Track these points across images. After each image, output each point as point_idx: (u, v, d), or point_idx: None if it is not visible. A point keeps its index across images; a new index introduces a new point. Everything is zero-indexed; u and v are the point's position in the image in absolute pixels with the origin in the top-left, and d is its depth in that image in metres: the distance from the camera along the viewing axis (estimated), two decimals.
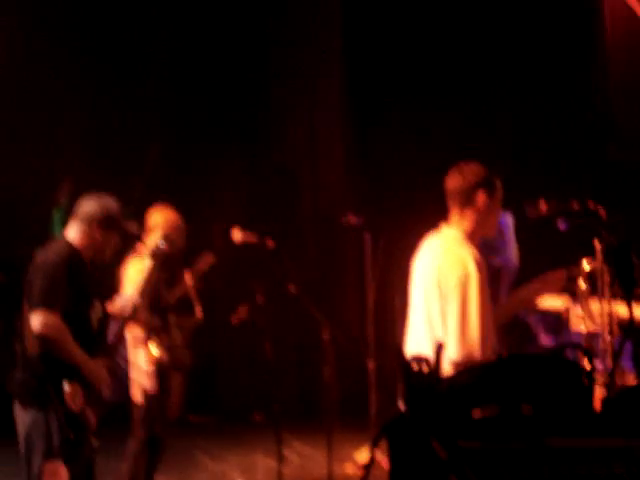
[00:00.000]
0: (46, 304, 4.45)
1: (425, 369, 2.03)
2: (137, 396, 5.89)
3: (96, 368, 4.67)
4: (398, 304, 7.77)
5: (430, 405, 1.95)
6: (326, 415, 6.04)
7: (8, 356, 8.93)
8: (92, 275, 4.77)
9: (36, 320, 4.44)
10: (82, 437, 4.54)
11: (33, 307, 4.46)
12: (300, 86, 10.15)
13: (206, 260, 8.29)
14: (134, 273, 5.87)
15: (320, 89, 10.08)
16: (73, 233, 4.74)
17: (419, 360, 2.04)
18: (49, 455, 4.46)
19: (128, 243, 5.87)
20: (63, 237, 4.79)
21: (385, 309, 7.18)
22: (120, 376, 5.66)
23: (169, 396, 6.25)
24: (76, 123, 9.72)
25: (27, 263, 9.31)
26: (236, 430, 9.02)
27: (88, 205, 4.77)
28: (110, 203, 4.83)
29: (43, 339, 4.45)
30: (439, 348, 2.05)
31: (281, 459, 6.51)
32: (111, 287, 5.87)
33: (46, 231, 9.43)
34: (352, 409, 7.74)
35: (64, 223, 9.02)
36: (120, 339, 5.84)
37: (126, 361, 5.91)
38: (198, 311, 6.80)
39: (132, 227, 5.28)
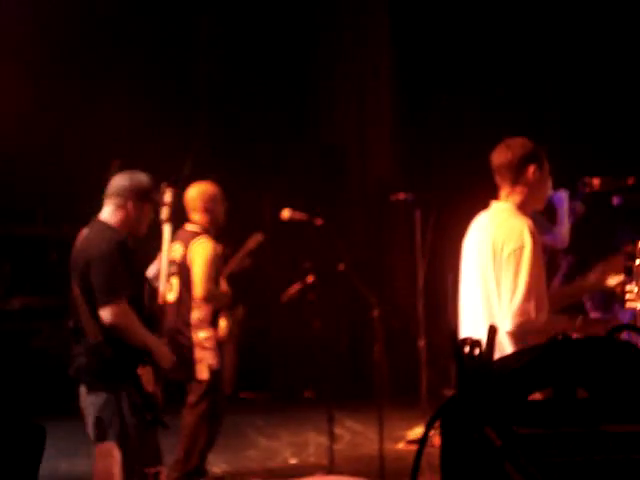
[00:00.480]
0: (113, 296, 4.50)
1: (477, 352, 2.00)
2: (202, 373, 5.95)
3: (163, 348, 4.76)
4: (449, 282, 7.74)
5: (483, 389, 1.91)
6: (377, 393, 6.03)
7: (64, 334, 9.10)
8: (135, 252, 4.78)
9: (106, 314, 4.49)
10: (156, 417, 4.62)
11: (101, 302, 4.50)
12: (349, 66, 10.10)
13: (255, 239, 8.33)
14: (202, 255, 5.97)
15: (369, 68, 10.02)
16: (107, 212, 4.72)
17: (471, 342, 2.00)
18: (122, 437, 4.52)
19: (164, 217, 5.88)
20: (100, 219, 4.74)
21: (435, 287, 7.13)
22: (181, 354, 5.69)
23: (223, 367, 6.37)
24: (126, 103, 9.77)
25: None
26: (287, 407, 9.06)
27: (118, 181, 4.78)
28: (140, 176, 4.82)
29: (116, 329, 4.51)
30: (492, 330, 2.01)
31: (332, 437, 6.53)
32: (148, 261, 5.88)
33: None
34: (403, 387, 7.72)
35: None
36: (184, 319, 5.94)
37: (189, 340, 5.95)
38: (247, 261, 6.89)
39: (167, 197, 5.19)
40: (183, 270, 6.00)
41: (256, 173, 9.82)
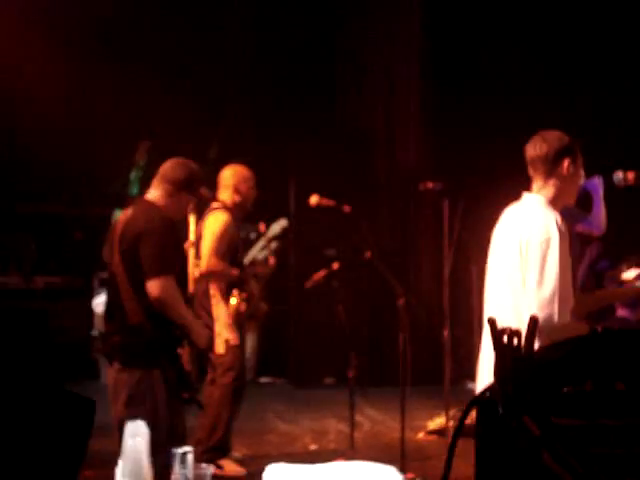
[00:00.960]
0: (162, 270, 4.60)
1: (516, 342, 1.98)
2: (220, 347, 5.99)
3: (201, 327, 4.90)
4: (474, 273, 7.71)
5: (522, 379, 1.90)
6: (401, 381, 6.01)
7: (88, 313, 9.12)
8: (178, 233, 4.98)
9: (155, 286, 4.58)
10: (192, 395, 4.73)
11: (150, 274, 4.59)
12: (377, 52, 10.04)
13: (280, 225, 8.36)
14: (213, 227, 6.02)
15: (398, 55, 9.95)
16: (156, 194, 4.84)
17: (511, 332, 1.98)
18: (154, 415, 4.54)
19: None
20: (146, 199, 4.88)
21: (460, 277, 7.09)
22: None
23: (244, 347, 6.41)
24: (153, 84, 9.78)
25: (105, 222, 9.49)
26: (308, 393, 9.05)
27: (173, 167, 4.89)
28: (193, 166, 4.96)
29: (161, 303, 4.60)
30: (533, 321, 1.99)
31: (353, 424, 6.54)
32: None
33: (124, 190, 9.55)
34: (425, 377, 7.70)
35: (141, 183, 9.26)
36: (205, 293, 6.00)
37: (210, 314, 6.01)
38: (271, 260, 6.93)
39: (205, 192, 5.50)
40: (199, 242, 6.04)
41: (282, 158, 9.81)
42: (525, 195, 4.26)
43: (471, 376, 8.28)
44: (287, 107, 9.99)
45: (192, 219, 5.57)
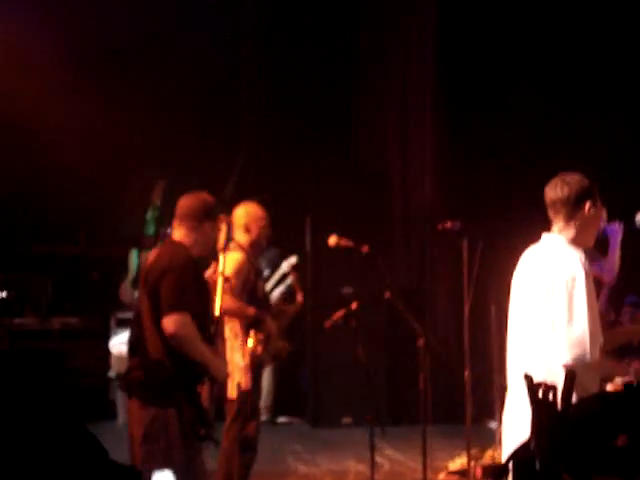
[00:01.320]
0: (178, 307, 4.62)
1: (552, 397, 1.96)
2: (232, 392, 5.93)
3: (220, 365, 4.87)
4: (492, 312, 7.69)
5: (559, 436, 1.88)
6: (422, 422, 5.97)
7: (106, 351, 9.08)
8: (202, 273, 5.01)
9: (170, 322, 4.60)
10: (208, 432, 4.70)
11: (166, 310, 4.63)
12: (391, 89, 10.08)
13: (290, 262, 8.30)
14: (227, 267, 5.97)
15: (411, 92, 9.99)
16: (180, 233, 4.90)
17: (546, 387, 1.97)
18: (168, 453, 4.57)
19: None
20: (172, 239, 4.95)
21: (478, 317, 7.07)
22: None
23: (260, 392, 6.32)
24: (169, 124, 9.83)
25: (121, 262, 9.48)
26: (326, 434, 8.98)
27: (188, 202, 4.95)
28: (207, 197, 5.02)
29: (176, 339, 4.61)
30: (570, 376, 1.98)
31: (373, 465, 6.47)
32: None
33: (139, 231, 9.57)
34: (445, 417, 7.65)
35: (157, 223, 9.28)
36: (217, 334, 5.95)
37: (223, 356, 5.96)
38: (299, 297, 6.87)
39: (224, 218, 5.52)
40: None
41: (298, 195, 9.82)
42: (545, 236, 4.27)
43: (491, 415, 8.27)
44: (302, 146, 10.02)
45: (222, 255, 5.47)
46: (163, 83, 9.95)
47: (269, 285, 8.31)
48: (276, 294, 8.08)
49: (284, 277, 8.31)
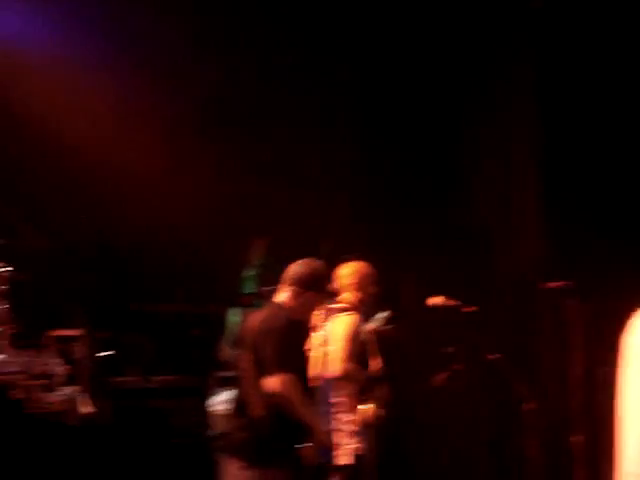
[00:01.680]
0: (282, 366, 4.73)
1: None
2: (343, 459, 5.78)
3: (322, 427, 4.94)
4: (599, 375, 7.44)
5: None
6: None
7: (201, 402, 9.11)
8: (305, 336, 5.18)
9: (273, 381, 4.70)
10: None
11: (269, 370, 4.74)
12: (493, 149, 9.99)
13: (383, 315, 8.13)
14: (344, 330, 5.93)
15: (513, 153, 9.88)
16: (284, 296, 5.04)
17: None
18: None
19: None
20: (276, 301, 5.10)
21: (588, 379, 6.84)
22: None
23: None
24: (266, 182, 9.90)
25: (220, 320, 9.52)
26: None
27: (298, 268, 5.13)
28: (317, 265, 5.18)
29: (280, 399, 4.68)
30: None
31: None
32: None
33: (237, 289, 9.58)
34: None
35: (256, 283, 9.28)
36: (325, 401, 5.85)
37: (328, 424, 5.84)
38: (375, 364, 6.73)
39: (329, 288, 5.57)
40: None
41: (396, 254, 9.74)
42: None
43: None
44: (402, 204, 9.97)
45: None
46: (259, 143, 10.02)
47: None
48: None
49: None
